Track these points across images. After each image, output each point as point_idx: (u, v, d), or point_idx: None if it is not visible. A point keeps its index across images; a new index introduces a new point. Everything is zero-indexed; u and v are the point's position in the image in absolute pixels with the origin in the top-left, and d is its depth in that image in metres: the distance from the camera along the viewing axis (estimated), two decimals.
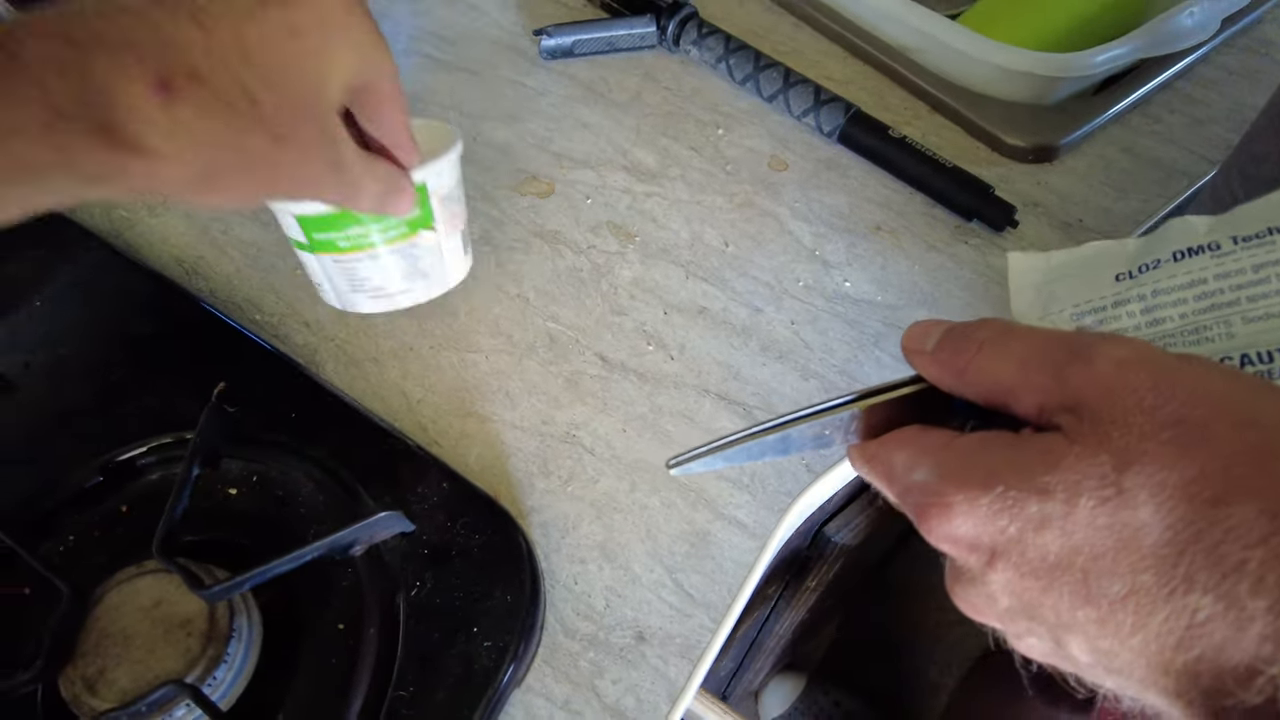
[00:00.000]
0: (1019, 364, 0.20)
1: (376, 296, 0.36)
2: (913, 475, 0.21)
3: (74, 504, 0.34)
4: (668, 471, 0.22)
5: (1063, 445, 0.18)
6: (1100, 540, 0.17)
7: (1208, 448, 0.17)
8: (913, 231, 0.43)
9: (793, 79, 0.46)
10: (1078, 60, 0.46)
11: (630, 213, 0.43)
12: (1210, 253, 0.22)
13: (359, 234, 0.33)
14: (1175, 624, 0.16)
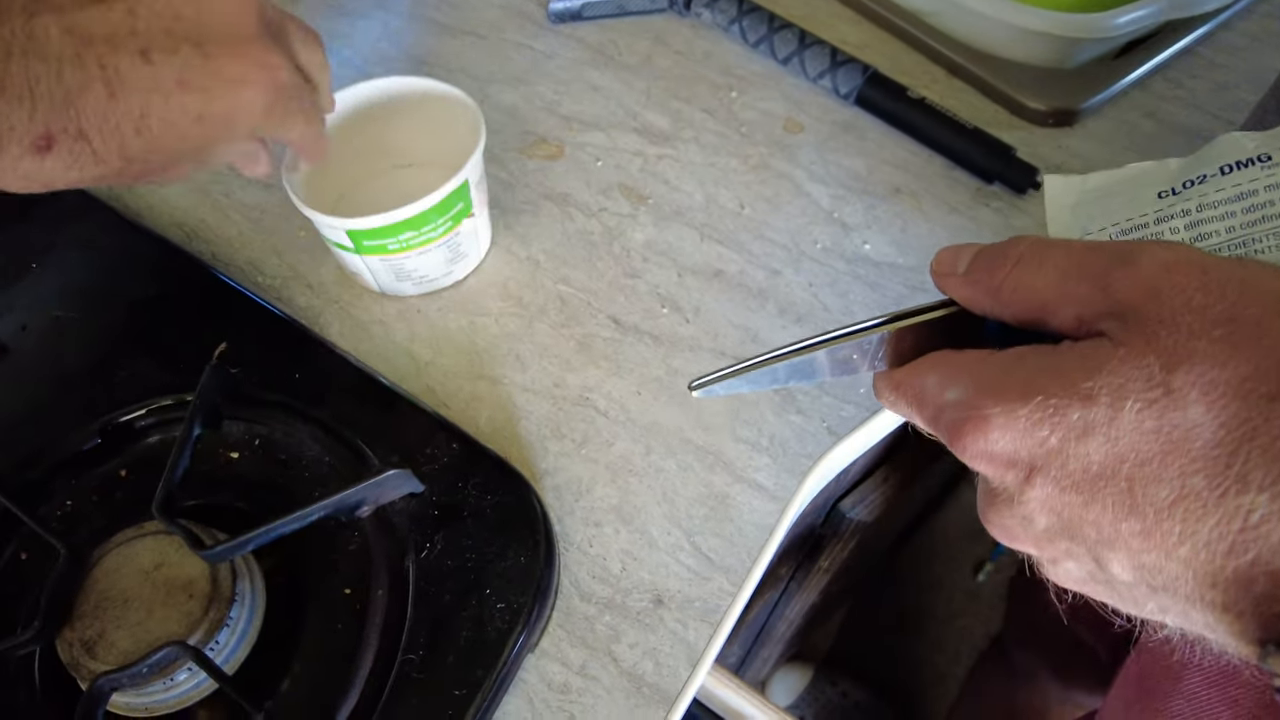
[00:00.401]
0: (1059, 275, 0.19)
1: (421, 283, 0.37)
2: (946, 395, 0.20)
3: (72, 467, 0.33)
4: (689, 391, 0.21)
5: (1107, 349, 0.17)
6: (1147, 445, 0.16)
7: (1263, 343, 0.16)
8: (933, 194, 0.42)
9: (808, 40, 0.46)
10: (1099, 21, 0.45)
11: (642, 175, 0.42)
12: (1260, 165, 0.21)
13: (410, 237, 0.34)
14: (1228, 528, 0.16)
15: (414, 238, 0.34)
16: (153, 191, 0.41)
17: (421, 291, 0.37)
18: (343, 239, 0.34)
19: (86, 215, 0.39)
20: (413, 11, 0.49)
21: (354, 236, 0.34)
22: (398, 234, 0.34)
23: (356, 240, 0.34)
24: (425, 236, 0.34)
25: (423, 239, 0.34)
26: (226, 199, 0.41)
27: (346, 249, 0.35)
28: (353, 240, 0.34)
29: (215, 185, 0.42)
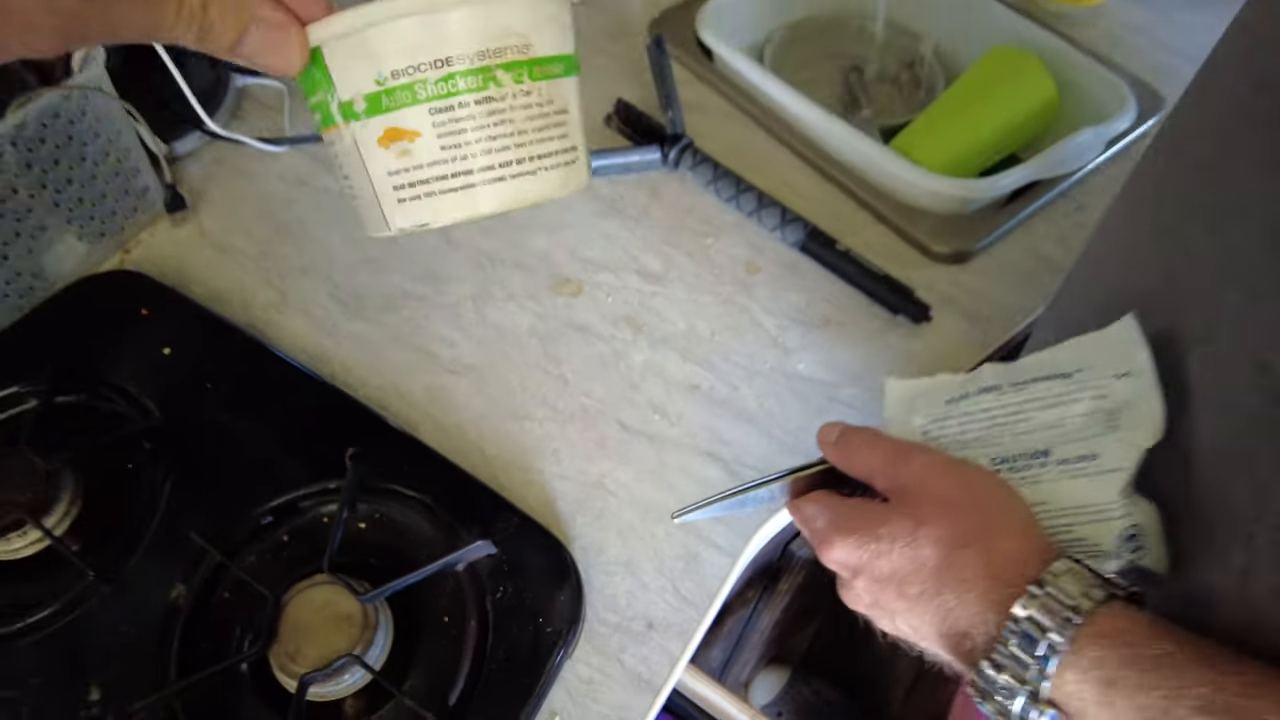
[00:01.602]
0: (877, 460, 0.36)
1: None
2: (815, 523, 0.36)
3: (254, 533, 0.49)
4: (672, 520, 0.38)
5: (890, 511, 0.34)
6: (906, 566, 0.33)
7: (961, 516, 0.32)
8: (854, 323, 0.58)
9: (764, 201, 0.62)
10: (986, 184, 0.62)
11: (641, 308, 0.59)
12: (995, 392, 0.37)
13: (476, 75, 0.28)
14: (940, 610, 0.32)
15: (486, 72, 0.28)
16: (283, 325, 0.58)
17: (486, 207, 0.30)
18: (359, 80, 0.28)
19: (235, 342, 0.56)
20: None
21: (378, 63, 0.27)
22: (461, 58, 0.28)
23: (378, 99, 0.28)
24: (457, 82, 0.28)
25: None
26: (335, 329, 0.58)
27: (352, 114, 0.29)
28: (378, 90, 0.28)
29: (326, 319, 0.58)
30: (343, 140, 0.29)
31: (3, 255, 0.54)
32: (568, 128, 0.31)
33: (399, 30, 0.27)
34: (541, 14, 0.29)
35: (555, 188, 0.30)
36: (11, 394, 0.53)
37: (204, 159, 0.67)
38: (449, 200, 0.29)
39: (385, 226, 0.30)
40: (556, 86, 0.30)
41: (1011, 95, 0.71)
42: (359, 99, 0.28)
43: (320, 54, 0.28)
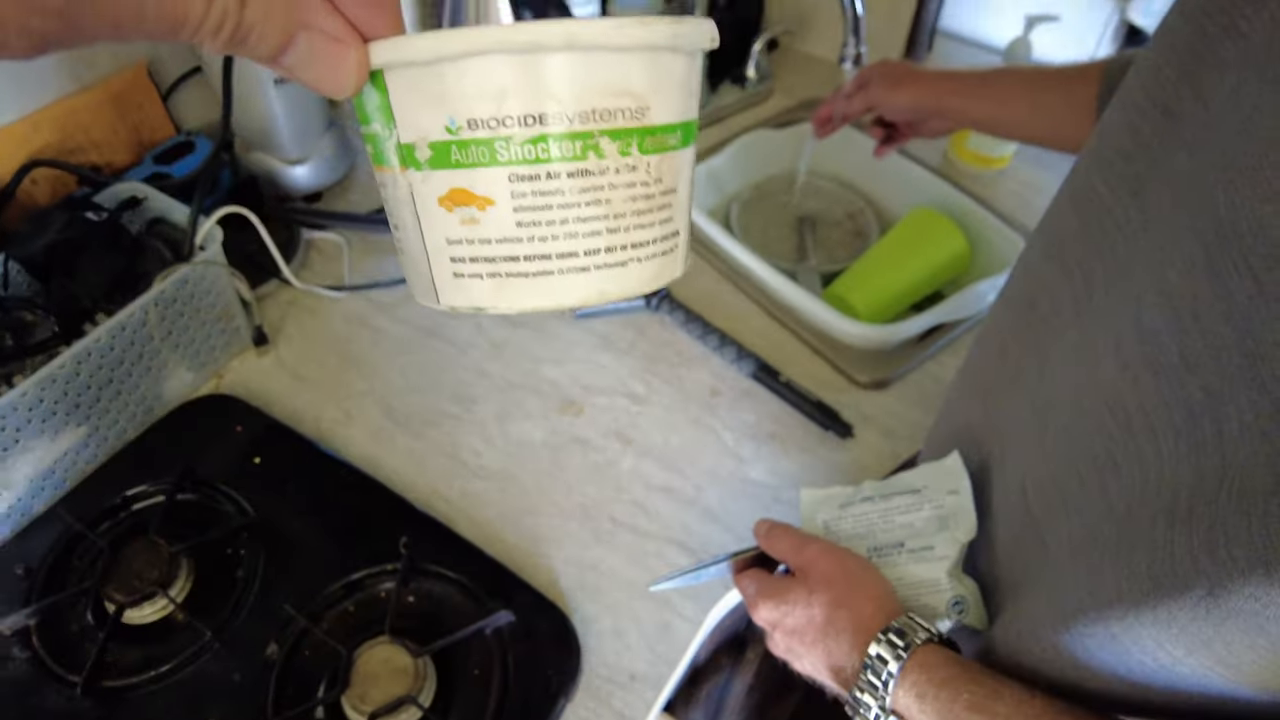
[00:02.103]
0: (787, 547, 0.52)
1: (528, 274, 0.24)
2: (748, 591, 0.52)
3: (327, 604, 0.64)
4: (649, 590, 0.54)
5: (795, 583, 0.50)
6: (803, 623, 0.49)
7: (837, 588, 0.48)
8: (794, 438, 0.75)
9: (725, 339, 0.79)
10: (899, 329, 0.79)
11: (629, 426, 0.75)
12: (871, 501, 0.54)
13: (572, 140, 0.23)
14: (825, 653, 0.48)
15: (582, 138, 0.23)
16: (348, 435, 0.74)
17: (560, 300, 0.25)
18: (428, 128, 0.23)
19: (311, 456, 0.72)
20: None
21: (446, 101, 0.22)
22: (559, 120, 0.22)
23: (442, 148, 0.23)
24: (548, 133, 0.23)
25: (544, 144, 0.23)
26: (391, 442, 0.74)
27: (413, 161, 0.23)
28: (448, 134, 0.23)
29: (382, 433, 0.74)
30: (396, 187, 0.24)
31: (136, 386, 0.70)
32: (674, 210, 0.26)
33: (485, 70, 0.22)
34: (666, 72, 0.23)
35: (645, 282, 0.25)
36: (140, 492, 0.68)
37: (280, 301, 0.84)
38: (516, 286, 0.24)
39: (434, 298, 0.26)
40: (669, 161, 0.25)
41: (930, 250, 0.90)
42: (423, 145, 0.23)
43: (382, 79, 0.23)
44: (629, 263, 0.25)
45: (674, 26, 0.23)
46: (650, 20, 0.23)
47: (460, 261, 0.24)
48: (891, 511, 0.53)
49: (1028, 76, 0.72)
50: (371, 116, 0.24)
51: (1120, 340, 0.36)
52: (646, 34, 0.23)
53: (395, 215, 0.26)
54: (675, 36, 0.23)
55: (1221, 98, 0.32)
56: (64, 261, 0.70)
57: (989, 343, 0.54)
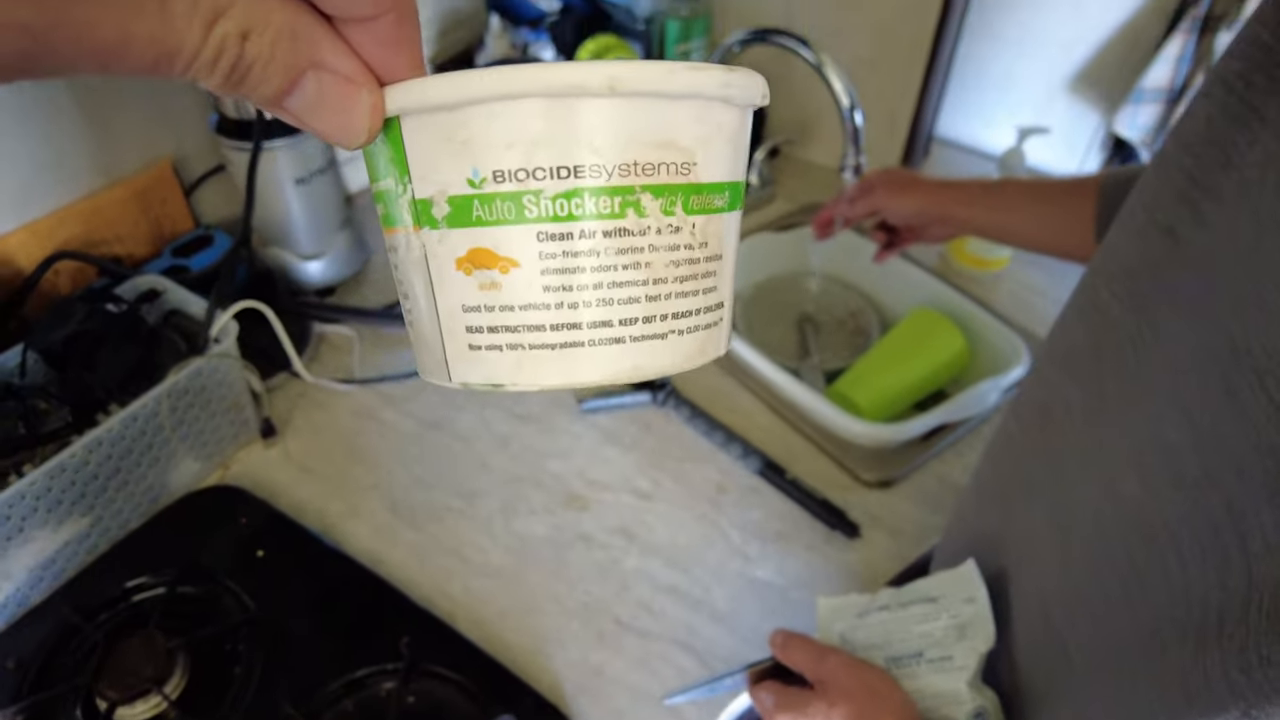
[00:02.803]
0: (807, 659, 0.52)
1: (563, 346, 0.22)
2: (766, 703, 0.52)
3: (329, 703, 0.63)
4: (664, 704, 0.54)
5: (814, 696, 0.49)
6: None
7: (856, 701, 0.48)
8: (799, 537, 0.75)
9: (731, 435, 0.80)
10: (903, 429, 0.80)
11: (634, 522, 0.76)
12: (887, 610, 0.54)
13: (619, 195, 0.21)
14: None
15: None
16: (352, 533, 0.74)
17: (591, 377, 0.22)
18: (448, 179, 0.21)
19: (314, 551, 0.72)
20: (495, 403, 0.85)
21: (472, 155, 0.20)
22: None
23: (464, 203, 0.21)
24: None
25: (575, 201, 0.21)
26: (394, 536, 0.74)
27: (429, 219, 0.21)
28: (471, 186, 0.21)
29: (386, 528, 0.75)
30: (409, 249, 0.22)
31: (144, 476, 0.71)
32: (719, 279, 0.24)
33: (516, 115, 0.20)
34: (716, 125, 0.22)
35: (687, 357, 0.23)
36: (141, 583, 0.68)
37: (290, 393, 0.86)
38: (540, 360, 0.22)
39: (445, 374, 0.23)
40: (716, 224, 0.23)
41: (932, 349, 0.92)
42: (441, 201, 0.21)
43: (398, 128, 0.21)
44: (669, 335, 0.23)
45: (728, 75, 0.22)
46: (703, 67, 0.21)
47: (477, 332, 0.22)
48: (908, 621, 0.53)
49: (1028, 187, 0.75)
50: (383, 171, 0.22)
51: (1140, 454, 0.37)
52: (699, 81, 0.21)
53: (405, 282, 0.23)
54: (728, 86, 0.22)
55: (1221, 225, 0.34)
56: (82, 352, 0.72)
57: (1001, 451, 0.55)
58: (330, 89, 0.20)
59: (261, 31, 0.18)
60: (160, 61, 0.17)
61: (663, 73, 0.20)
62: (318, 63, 0.20)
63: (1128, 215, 0.42)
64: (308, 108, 0.20)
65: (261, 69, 0.19)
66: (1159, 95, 1.01)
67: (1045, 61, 1.12)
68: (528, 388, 0.22)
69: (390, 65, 0.21)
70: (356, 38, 0.20)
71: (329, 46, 0.20)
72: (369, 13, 0.20)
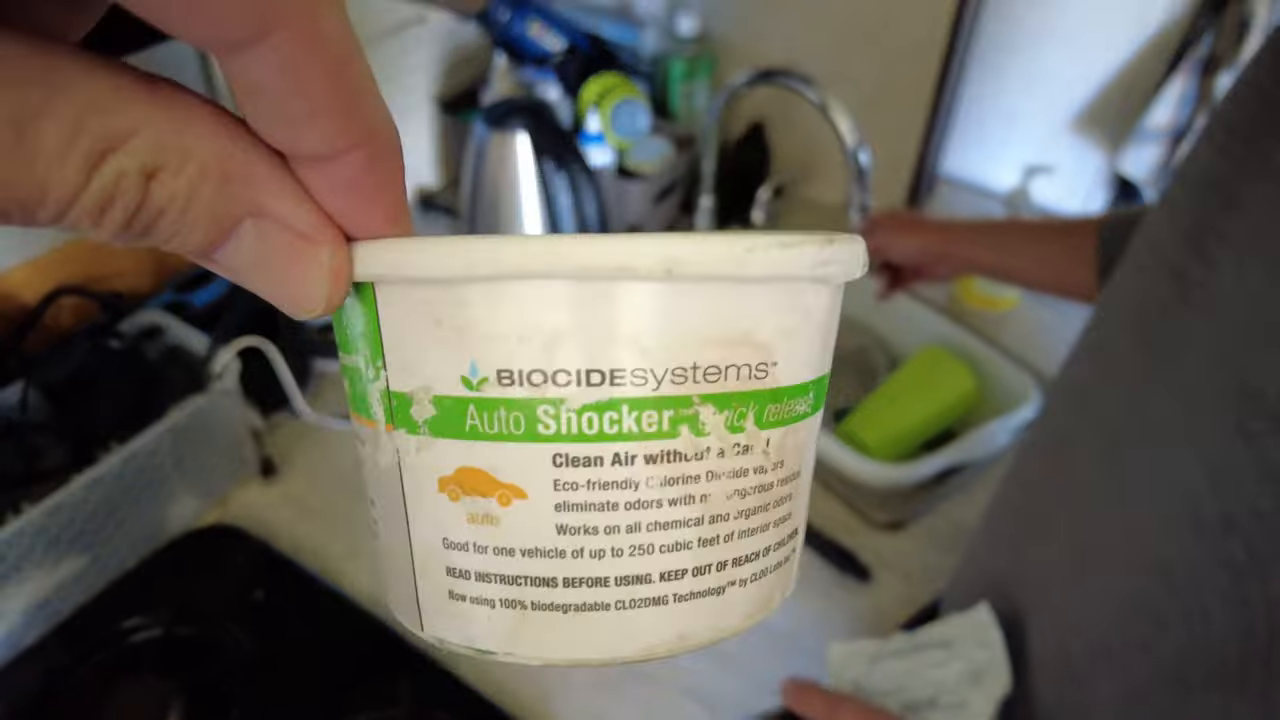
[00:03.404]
0: (821, 708, 0.51)
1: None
2: None
3: None
4: None
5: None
6: None
7: None
8: (809, 581, 0.74)
9: None
10: (913, 470, 0.80)
11: None
12: (901, 655, 0.53)
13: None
14: None
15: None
16: (352, 574, 0.74)
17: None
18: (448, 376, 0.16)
19: (313, 591, 0.71)
20: None
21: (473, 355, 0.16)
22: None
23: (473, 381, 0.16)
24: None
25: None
26: None
27: (412, 426, 0.17)
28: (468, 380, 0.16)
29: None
30: (378, 449, 0.18)
31: (143, 515, 0.71)
32: (794, 503, 0.19)
33: (533, 300, 0.15)
34: (804, 313, 0.17)
35: (748, 615, 0.18)
36: (137, 624, 0.67)
37: (289, 431, 0.85)
38: (548, 625, 0.17)
39: (416, 622, 0.18)
40: (795, 436, 0.18)
41: (941, 388, 0.92)
42: (424, 400, 0.16)
43: (372, 295, 0.16)
44: (727, 589, 0.17)
45: (825, 250, 0.16)
46: (794, 240, 0.16)
47: (462, 577, 0.17)
48: (922, 666, 0.53)
49: (1030, 228, 0.76)
50: (353, 344, 0.17)
51: (1156, 495, 0.37)
52: (788, 262, 0.16)
53: (373, 488, 0.18)
54: (826, 265, 0.17)
55: (1229, 267, 0.34)
56: (83, 389, 0.72)
57: (1013, 491, 0.55)
58: (276, 245, 0.15)
59: (177, 170, 0.13)
60: (11, 211, 0.13)
61: (739, 253, 0.15)
62: (258, 210, 0.15)
63: (1135, 256, 0.43)
64: (246, 266, 0.15)
65: (176, 217, 0.14)
66: (1162, 135, 1.02)
67: (1048, 101, 1.13)
68: (528, 660, 0.17)
69: (360, 218, 0.16)
70: (315, 181, 0.15)
71: (276, 189, 0.15)
72: (323, 149, 0.15)
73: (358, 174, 0.15)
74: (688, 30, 1.16)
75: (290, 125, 0.14)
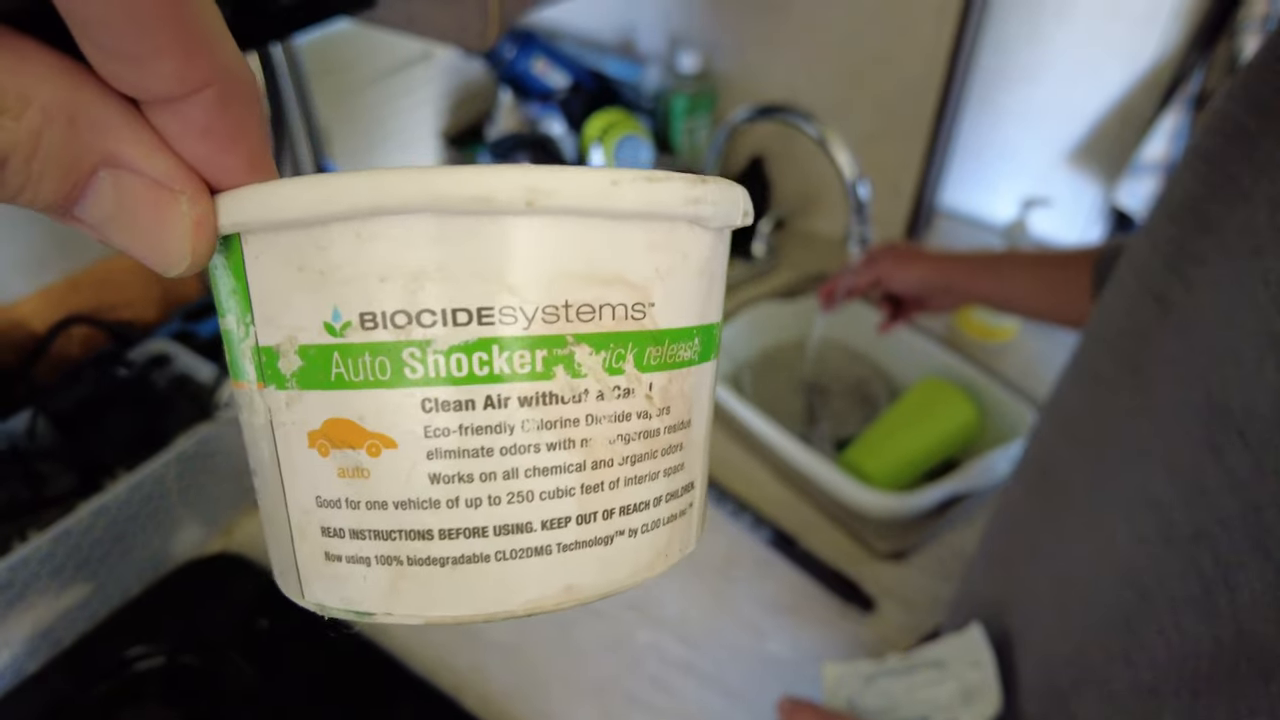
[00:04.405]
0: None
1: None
2: None
3: None
4: None
5: None
6: None
7: None
8: (812, 611, 0.75)
9: (741, 505, 0.81)
10: (915, 499, 0.81)
11: (643, 595, 0.75)
12: (895, 675, 0.54)
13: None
14: None
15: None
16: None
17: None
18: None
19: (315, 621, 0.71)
20: None
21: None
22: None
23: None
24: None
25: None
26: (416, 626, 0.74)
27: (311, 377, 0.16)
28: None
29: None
30: (253, 410, 0.17)
31: (148, 542, 0.71)
32: (686, 453, 0.19)
33: (395, 237, 0.15)
34: (681, 253, 0.17)
35: (640, 567, 0.18)
36: (141, 652, 0.68)
37: None
38: (426, 580, 0.16)
39: (297, 588, 0.18)
40: (681, 382, 0.18)
41: (941, 418, 0.93)
42: (289, 351, 0.16)
43: (239, 251, 0.16)
44: (615, 538, 0.17)
45: (696, 188, 0.16)
46: (661, 176, 0.16)
47: (336, 536, 0.16)
48: (915, 686, 0.53)
49: (1028, 259, 0.78)
50: (225, 305, 0.17)
51: (1133, 513, 0.39)
52: (656, 196, 0.16)
53: (251, 454, 0.18)
54: (697, 203, 0.16)
55: (1203, 288, 0.36)
56: (90, 416, 0.73)
57: (1004, 516, 0.56)
58: (134, 195, 0.15)
59: (17, 114, 0.12)
60: None
61: (603, 185, 0.15)
62: (112, 158, 0.14)
63: (1119, 282, 0.44)
64: (106, 219, 0.15)
65: (21, 166, 0.13)
66: (1157, 168, 1.04)
67: (1045, 135, 1.16)
68: (406, 619, 0.16)
69: (220, 165, 0.15)
70: (170, 126, 0.15)
71: (130, 136, 0.14)
72: (172, 88, 0.14)
73: (212, 116, 0.15)
74: (689, 67, 1.18)
75: (134, 64, 0.13)
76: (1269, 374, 0.30)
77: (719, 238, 0.18)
